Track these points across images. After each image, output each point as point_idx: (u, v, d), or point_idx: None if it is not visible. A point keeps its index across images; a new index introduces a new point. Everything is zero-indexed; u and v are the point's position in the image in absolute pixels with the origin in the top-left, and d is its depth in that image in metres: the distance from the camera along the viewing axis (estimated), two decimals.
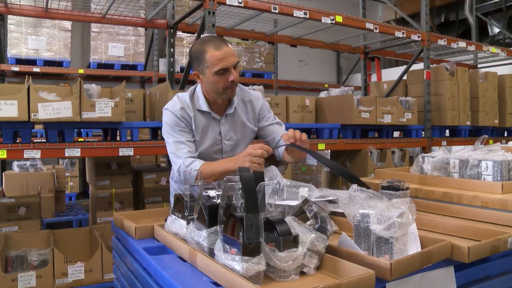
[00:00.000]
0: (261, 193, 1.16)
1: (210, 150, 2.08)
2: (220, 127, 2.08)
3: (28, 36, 6.43)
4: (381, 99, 4.19)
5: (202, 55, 1.91)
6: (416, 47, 5.66)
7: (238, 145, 2.14)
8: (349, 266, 1.16)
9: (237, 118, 2.12)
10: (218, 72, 1.90)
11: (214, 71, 1.90)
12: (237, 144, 2.14)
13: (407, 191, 1.78)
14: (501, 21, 8.80)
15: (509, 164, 1.98)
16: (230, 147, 2.11)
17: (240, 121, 2.13)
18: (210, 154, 2.08)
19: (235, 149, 2.12)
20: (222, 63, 1.89)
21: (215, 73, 1.90)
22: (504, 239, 1.41)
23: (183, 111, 2.02)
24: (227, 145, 2.10)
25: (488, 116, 5.07)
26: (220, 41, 1.93)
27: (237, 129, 2.13)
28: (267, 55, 8.37)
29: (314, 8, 3.82)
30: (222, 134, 2.08)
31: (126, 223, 1.68)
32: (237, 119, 2.12)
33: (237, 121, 2.12)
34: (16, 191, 4.10)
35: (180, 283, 1.14)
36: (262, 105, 2.21)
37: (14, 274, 2.69)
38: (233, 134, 2.11)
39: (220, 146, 2.09)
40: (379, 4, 10.24)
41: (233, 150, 2.12)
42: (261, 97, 2.24)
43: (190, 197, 1.47)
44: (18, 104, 2.58)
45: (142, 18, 4.38)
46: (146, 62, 7.42)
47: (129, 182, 3.59)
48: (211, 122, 2.07)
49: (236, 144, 2.13)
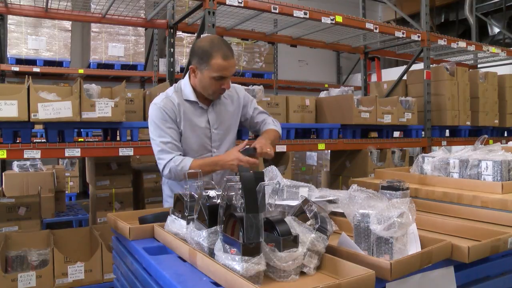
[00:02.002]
0: (261, 193, 1.16)
1: (200, 139, 2.14)
2: (208, 116, 2.15)
3: (28, 36, 6.42)
4: (381, 99, 4.19)
5: (208, 58, 1.96)
6: (416, 47, 5.66)
7: (226, 133, 2.22)
8: (349, 266, 1.16)
9: (223, 108, 2.20)
10: (216, 77, 1.98)
11: (213, 76, 1.98)
12: (225, 133, 2.21)
13: (407, 191, 1.78)
14: (501, 21, 8.80)
15: (509, 164, 1.98)
16: (219, 135, 2.18)
17: (226, 110, 2.21)
18: (200, 143, 2.14)
19: (224, 138, 2.20)
20: (223, 72, 1.98)
21: (212, 77, 1.99)
22: (504, 239, 1.41)
23: (167, 101, 2.08)
24: (215, 133, 2.17)
25: (488, 116, 5.07)
26: (229, 51, 1.98)
27: (224, 118, 2.20)
28: (267, 55, 8.37)
29: (314, 8, 3.82)
30: (210, 123, 2.15)
31: (120, 224, 1.67)
32: (223, 108, 2.20)
33: (223, 110, 2.20)
34: (16, 191, 4.10)
35: (180, 283, 1.14)
36: (244, 94, 2.34)
37: (14, 274, 2.69)
38: (221, 123, 2.19)
39: (209, 135, 2.16)
40: (379, 4, 10.24)
41: (221, 139, 2.19)
42: (243, 89, 2.36)
43: (190, 197, 1.47)
44: (18, 104, 2.58)
45: (142, 18, 4.38)
46: (146, 62, 7.42)
47: (129, 182, 3.59)
48: (198, 111, 2.13)
49: (224, 133, 2.21)
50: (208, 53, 1.95)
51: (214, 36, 2.09)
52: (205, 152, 2.16)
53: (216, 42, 1.99)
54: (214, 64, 1.95)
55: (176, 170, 2.00)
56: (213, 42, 1.99)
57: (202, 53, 1.97)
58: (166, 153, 2.04)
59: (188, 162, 2.01)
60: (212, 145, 2.17)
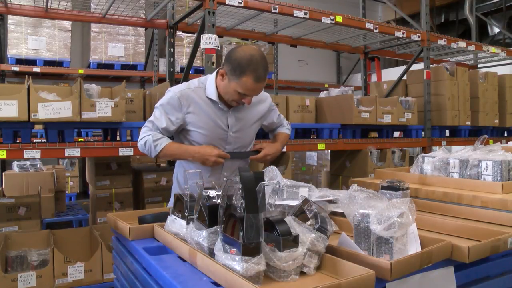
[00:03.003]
0: (261, 193, 1.16)
1: (215, 137, 2.11)
2: (228, 118, 2.11)
3: (28, 36, 6.42)
4: (381, 99, 4.19)
5: (241, 73, 1.89)
6: (416, 47, 5.66)
7: (242, 138, 2.18)
8: (349, 266, 1.16)
9: (244, 113, 2.16)
10: (240, 92, 1.95)
11: (238, 91, 1.94)
12: (241, 137, 2.18)
13: (407, 191, 1.78)
14: (501, 21, 8.80)
15: (509, 164, 1.98)
16: (235, 138, 2.15)
17: (248, 116, 2.18)
18: (214, 141, 2.11)
19: (237, 141, 2.18)
20: (249, 92, 1.95)
21: (237, 91, 1.95)
22: (504, 239, 1.41)
23: (185, 92, 2.06)
24: (232, 136, 2.14)
25: (488, 116, 5.07)
26: (263, 73, 1.92)
27: (244, 123, 2.16)
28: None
29: (314, 8, 3.82)
30: (230, 126, 2.12)
31: (120, 224, 1.67)
32: (244, 114, 2.16)
33: (244, 116, 2.16)
34: (16, 191, 4.10)
35: (180, 283, 1.14)
36: (270, 101, 2.32)
37: (14, 274, 2.69)
38: (240, 127, 2.15)
39: (225, 136, 2.12)
40: (379, 4, 10.24)
41: (235, 142, 2.17)
42: (269, 97, 2.33)
43: (190, 197, 1.47)
44: (18, 104, 2.58)
45: (142, 18, 4.38)
46: (146, 62, 7.42)
47: (129, 182, 3.59)
48: (218, 111, 2.09)
49: (241, 137, 2.18)
50: (243, 69, 1.88)
51: (256, 51, 1.93)
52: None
53: (255, 60, 1.89)
54: (245, 82, 1.89)
55: (151, 144, 2.02)
56: (252, 59, 1.88)
57: (237, 66, 1.89)
58: (150, 130, 2.06)
59: (165, 141, 2.03)
60: (226, 147, 2.13)
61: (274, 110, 2.36)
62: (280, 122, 2.42)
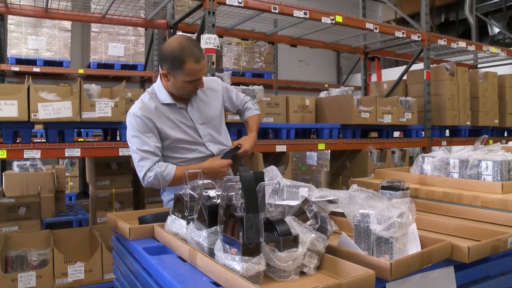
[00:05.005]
0: (261, 193, 1.16)
1: (189, 136, 2.13)
2: (189, 114, 2.14)
3: (28, 36, 6.42)
4: (381, 99, 4.19)
5: (181, 64, 1.93)
6: (416, 47, 5.66)
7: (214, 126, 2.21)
8: (349, 266, 1.16)
9: (202, 103, 2.19)
10: (190, 81, 1.98)
11: (188, 80, 1.97)
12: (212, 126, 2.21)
13: (407, 191, 1.78)
14: (501, 21, 8.80)
15: (509, 164, 1.98)
16: (207, 130, 2.18)
17: (206, 104, 2.21)
18: (190, 141, 2.13)
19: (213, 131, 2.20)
20: (197, 75, 1.98)
21: (187, 81, 1.98)
22: (504, 239, 1.41)
23: (144, 108, 2.05)
24: (202, 129, 2.17)
25: (488, 116, 5.07)
26: (200, 52, 1.97)
27: (206, 113, 2.20)
28: (267, 55, 8.37)
29: (314, 8, 3.82)
30: (194, 120, 2.14)
31: (120, 224, 1.67)
32: (202, 103, 2.19)
33: (203, 106, 2.19)
34: (16, 191, 4.09)
35: (180, 283, 1.14)
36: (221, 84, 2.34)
37: (14, 274, 2.69)
38: (205, 118, 2.18)
39: (197, 132, 2.15)
40: (379, 4, 10.24)
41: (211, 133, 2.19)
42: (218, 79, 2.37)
43: (190, 197, 1.47)
44: (18, 104, 2.58)
45: (142, 18, 4.38)
46: (146, 62, 7.42)
47: (129, 182, 3.58)
48: (178, 112, 2.12)
49: (212, 127, 2.20)
50: (180, 59, 1.92)
51: (182, 38, 1.98)
52: (199, 146, 2.16)
53: (186, 47, 1.93)
54: (188, 69, 1.93)
55: (162, 175, 1.99)
56: (183, 45, 1.93)
57: (174, 59, 1.93)
58: (147, 159, 2.01)
59: (172, 168, 2.01)
60: (204, 139, 2.16)
61: (229, 90, 2.38)
62: (244, 102, 2.42)
